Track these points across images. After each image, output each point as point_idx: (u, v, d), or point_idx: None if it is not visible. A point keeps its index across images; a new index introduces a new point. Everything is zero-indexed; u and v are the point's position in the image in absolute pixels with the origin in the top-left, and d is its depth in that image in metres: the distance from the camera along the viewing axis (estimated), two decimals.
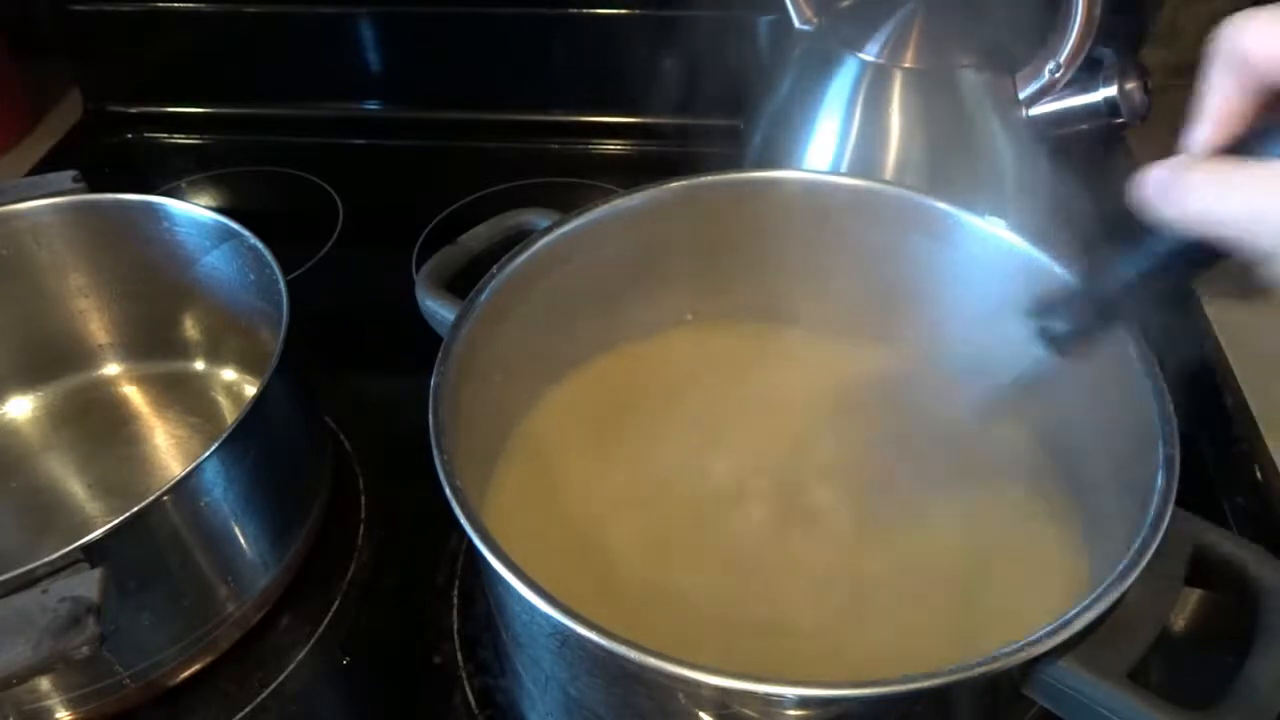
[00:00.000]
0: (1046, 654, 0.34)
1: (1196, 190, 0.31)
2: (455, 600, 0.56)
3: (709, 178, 0.56)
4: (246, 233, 0.58)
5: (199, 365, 0.68)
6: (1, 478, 0.62)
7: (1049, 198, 0.67)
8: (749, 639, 0.46)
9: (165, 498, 0.45)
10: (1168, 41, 0.88)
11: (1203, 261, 0.34)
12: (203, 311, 0.65)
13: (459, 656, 0.53)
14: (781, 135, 0.70)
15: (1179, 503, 0.38)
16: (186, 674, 0.52)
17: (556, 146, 0.93)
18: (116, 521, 0.43)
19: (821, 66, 0.68)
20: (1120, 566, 0.36)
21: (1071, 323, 0.40)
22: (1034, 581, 0.47)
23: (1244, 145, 0.32)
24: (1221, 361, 0.66)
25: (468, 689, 0.52)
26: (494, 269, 0.51)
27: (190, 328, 0.67)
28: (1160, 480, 0.39)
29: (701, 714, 0.37)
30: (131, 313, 0.66)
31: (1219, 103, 0.32)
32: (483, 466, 0.52)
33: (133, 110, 1.00)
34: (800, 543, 0.50)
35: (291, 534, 0.55)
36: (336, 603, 0.56)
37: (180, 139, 0.99)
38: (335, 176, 0.90)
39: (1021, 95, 0.64)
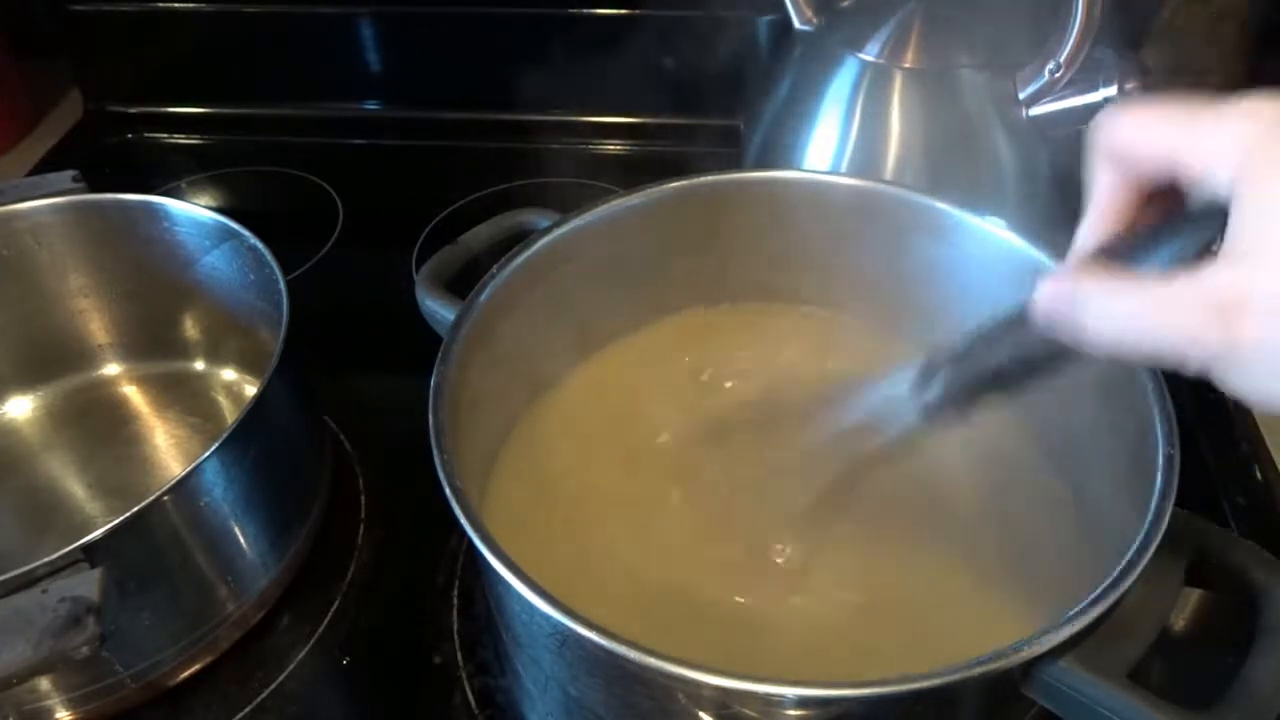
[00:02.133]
0: (1046, 654, 0.34)
1: (1100, 319, 0.30)
2: (455, 600, 0.56)
3: (709, 178, 0.56)
4: (246, 233, 0.58)
5: (199, 365, 0.68)
6: (1, 478, 0.62)
7: (1049, 198, 0.67)
8: (750, 640, 0.46)
9: (165, 498, 0.45)
10: (1168, 41, 0.88)
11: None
12: (203, 311, 0.65)
13: (459, 656, 0.53)
14: (781, 135, 0.70)
15: (1179, 503, 0.38)
16: (186, 674, 0.52)
17: (556, 146, 0.93)
18: (116, 521, 0.43)
19: (821, 66, 0.68)
20: (1120, 566, 0.36)
21: (944, 392, 0.39)
22: (1034, 581, 0.47)
23: (1139, 250, 0.31)
24: None
25: (468, 689, 0.52)
26: (494, 269, 0.51)
27: (190, 328, 0.67)
28: (1160, 480, 0.39)
29: (701, 714, 0.37)
30: (131, 313, 0.66)
31: (1103, 197, 0.32)
32: (483, 466, 0.52)
33: (133, 110, 1.00)
34: (800, 542, 0.50)
35: (291, 534, 0.55)
36: (336, 603, 0.56)
37: (180, 139, 0.99)
38: (335, 176, 0.90)
39: (1021, 95, 0.64)
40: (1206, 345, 0.28)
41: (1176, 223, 0.30)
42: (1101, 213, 0.32)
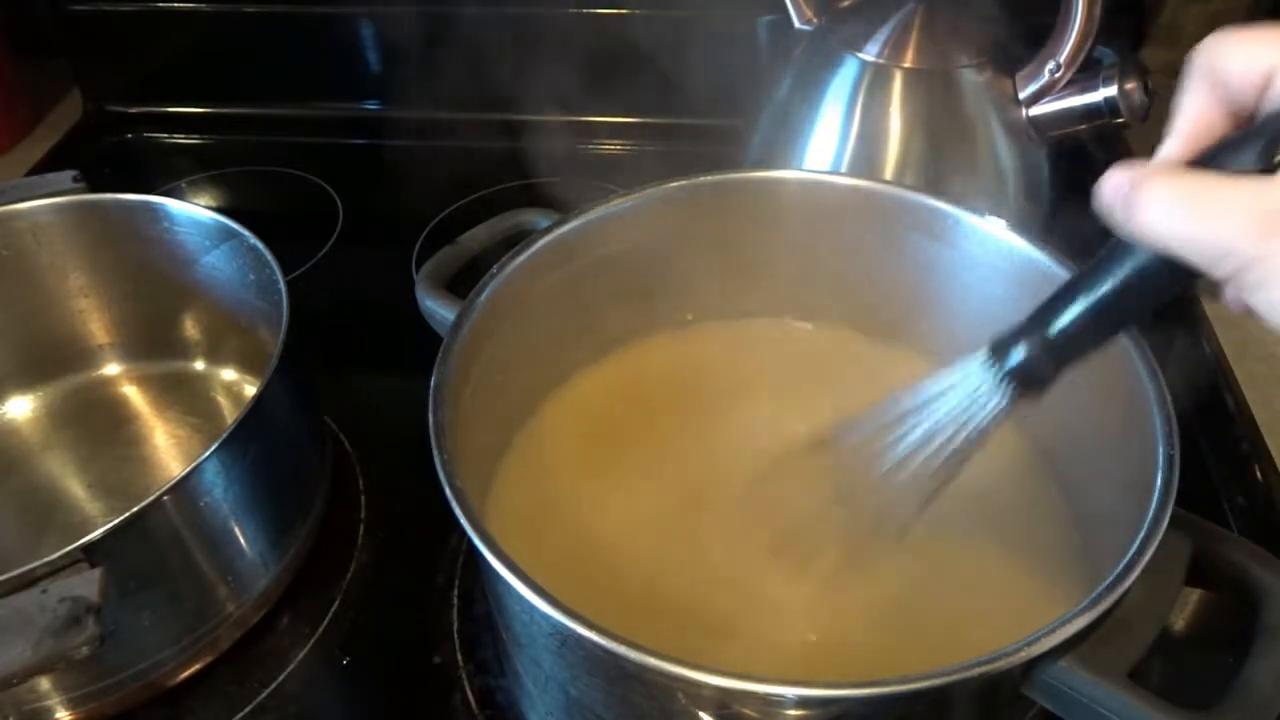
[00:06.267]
0: (1046, 654, 0.34)
1: (1152, 204, 0.30)
2: (455, 600, 0.56)
3: (709, 178, 0.56)
4: (246, 233, 0.58)
5: (199, 365, 0.68)
6: (1, 478, 0.62)
7: (1049, 198, 0.67)
8: (749, 642, 0.46)
9: (165, 498, 0.45)
10: (1168, 41, 0.88)
11: (1176, 280, 0.33)
12: (203, 311, 0.65)
13: (459, 656, 0.53)
14: (781, 135, 0.70)
15: (1179, 503, 0.38)
16: (186, 674, 0.52)
17: (556, 146, 0.93)
18: (116, 521, 0.43)
19: (821, 66, 0.68)
20: (1120, 566, 0.36)
21: (1031, 355, 0.37)
22: (1034, 582, 0.47)
23: (1210, 157, 0.31)
24: (1222, 362, 0.66)
25: (468, 689, 0.52)
26: (494, 269, 0.51)
27: (190, 328, 0.67)
28: (1160, 480, 0.39)
29: (701, 714, 0.37)
30: (131, 313, 0.66)
31: (1193, 116, 0.32)
32: (483, 466, 0.52)
33: (133, 110, 1.00)
34: (801, 546, 0.50)
35: (291, 534, 0.55)
36: (336, 603, 0.56)
37: (180, 139, 0.99)
38: (335, 176, 0.90)
39: (1021, 95, 0.64)
40: (1240, 250, 0.28)
41: (1243, 135, 0.31)
42: (1185, 130, 0.32)
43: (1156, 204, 0.30)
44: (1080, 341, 0.37)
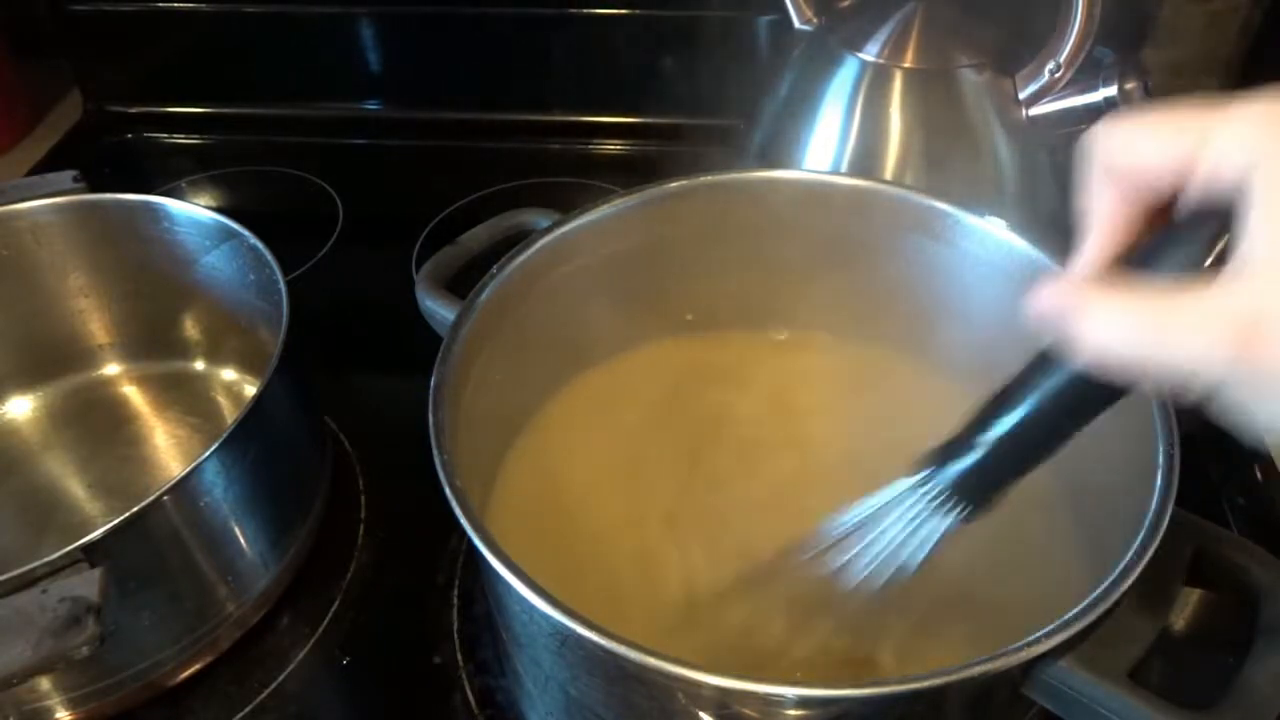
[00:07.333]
0: (1046, 654, 0.34)
1: (1104, 327, 0.28)
2: (455, 600, 0.56)
3: (709, 178, 0.56)
4: (246, 233, 0.58)
5: (199, 365, 0.68)
6: (1, 478, 0.62)
7: (1049, 198, 0.67)
8: (750, 641, 0.46)
9: (165, 498, 0.45)
10: (1168, 41, 0.88)
11: (1110, 395, 0.31)
12: (203, 311, 0.65)
13: (459, 656, 0.53)
14: (781, 135, 0.70)
15: (1179, 503, 0.38)
16: (186, 674, 0.52)
17: (556, 146, 0.93)
18: (116, 521, 0.43)
19: (821, 66, 0.68)
20: (1120, 566, 0.36)
21: (967, 473, 0.36)
22: (1033, 582, 0.47)
23: (1142, 259, 0.29)
24: None
25: (468, 689, 0.52)
26: (494, 269, 0.51)
27: (190, 328, 0.67)
28: (1160, 480, 0.39)
29: (701, 714, 0.37)
30: (131, 313, 0.66)
31: (1105, 217, 0.30)
32: (483, 466, 0.52)
33: (133, 110, 1.00)
34: (798, 545, 0.50)
35: (291, 534, 0.55)
36: (336, 603, 0.56)
37: (180, 139, 0.99)
38: (335, 176, 0.90)
39: (1021, 95, 0.64)
40: (1218, 365, 0.25)
41: (1177, 232, 0.28)
42: (1103, 234, 0.30)
43: (1109, 326, 0.27)
44: (1018, 458, 0.35)
